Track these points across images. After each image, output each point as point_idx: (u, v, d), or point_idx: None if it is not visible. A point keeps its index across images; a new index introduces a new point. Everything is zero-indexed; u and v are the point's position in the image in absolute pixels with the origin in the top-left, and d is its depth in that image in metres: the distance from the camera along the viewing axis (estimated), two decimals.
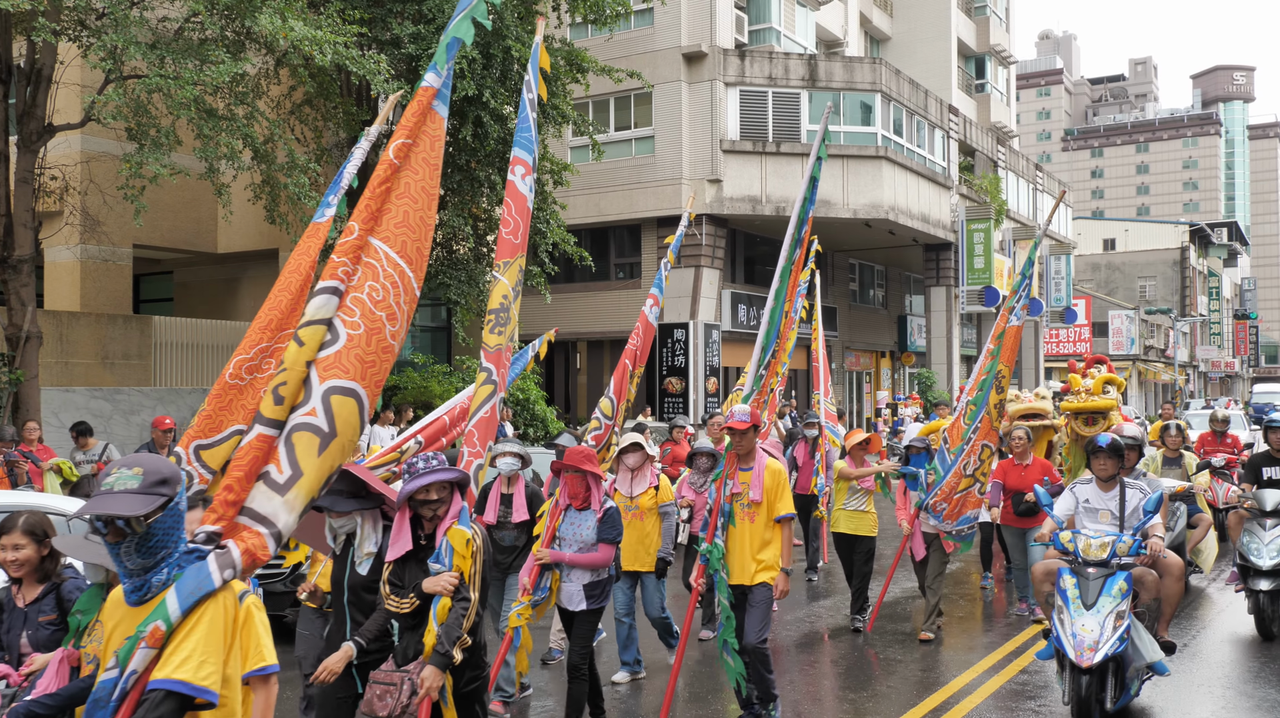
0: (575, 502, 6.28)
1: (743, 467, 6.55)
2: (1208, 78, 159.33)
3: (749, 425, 6.44)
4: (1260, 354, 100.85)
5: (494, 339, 5.44)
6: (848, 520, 9.45)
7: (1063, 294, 39.83)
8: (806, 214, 7.17)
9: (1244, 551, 8.77)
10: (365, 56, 12.18)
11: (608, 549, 6.22)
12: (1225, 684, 7.58)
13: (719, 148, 24.29)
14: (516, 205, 5.62)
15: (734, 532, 6.47)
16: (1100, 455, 6.79)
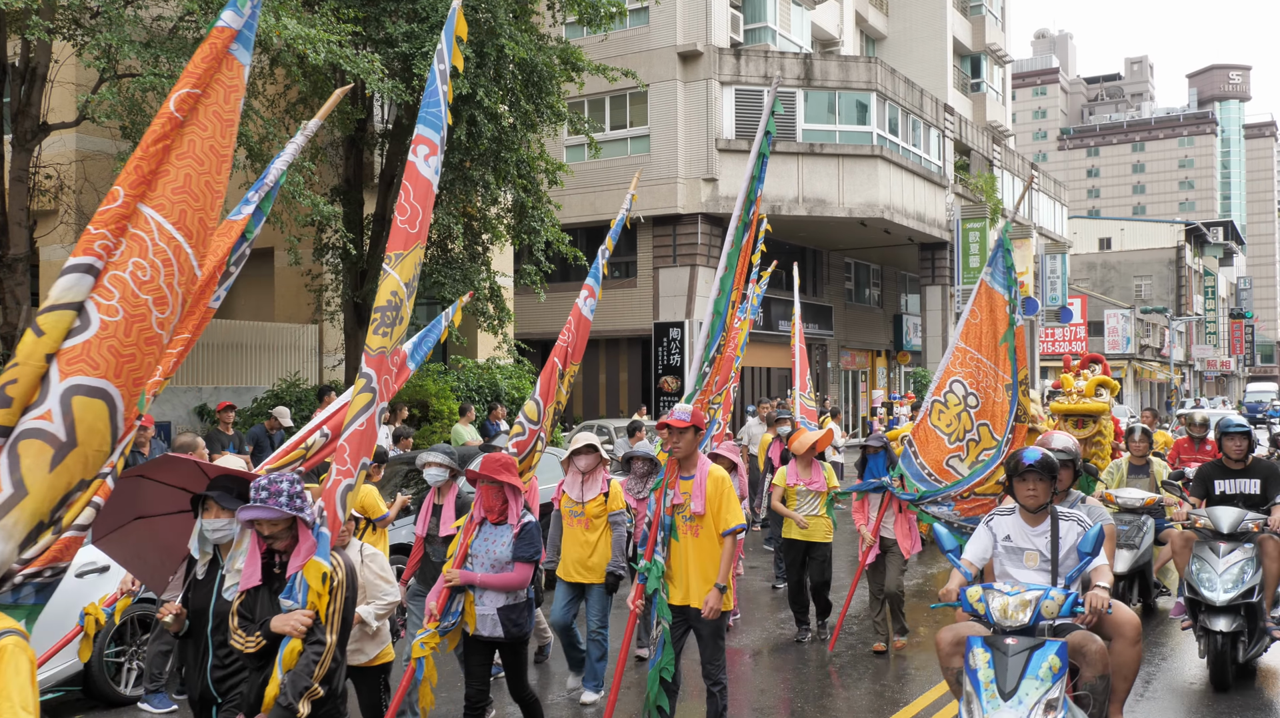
0: (490, 515, 5.67)
1: (683, 474, 5.90)
2: (1204, 77, 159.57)
3: (687, 425, 5.78)
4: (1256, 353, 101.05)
5: (377, 341, 4.67)
6: (799, 526, 8.81)
7: (1058, 293, 39.86)
8: (754, 195, 6.62)
9: (1193, 581, 7.34)
10: (359, 55, 12.18)
11: (524, 569, 5.59)
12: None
13: (714, 147, 24.31)
14: (416, 190, 4.86)
15: (676, 547, 5.87)
16: (1028, 477, 5.06)
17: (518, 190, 15.33)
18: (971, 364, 8.00)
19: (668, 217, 24.51)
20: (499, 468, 5.59)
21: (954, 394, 7.95)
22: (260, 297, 20.18)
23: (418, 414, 16.07)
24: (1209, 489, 7.63)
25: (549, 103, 14.96)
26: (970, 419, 7.97)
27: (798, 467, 8.83)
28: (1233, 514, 7.35)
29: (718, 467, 5.92)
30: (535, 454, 6.32)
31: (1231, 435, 7.53)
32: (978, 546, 5.19)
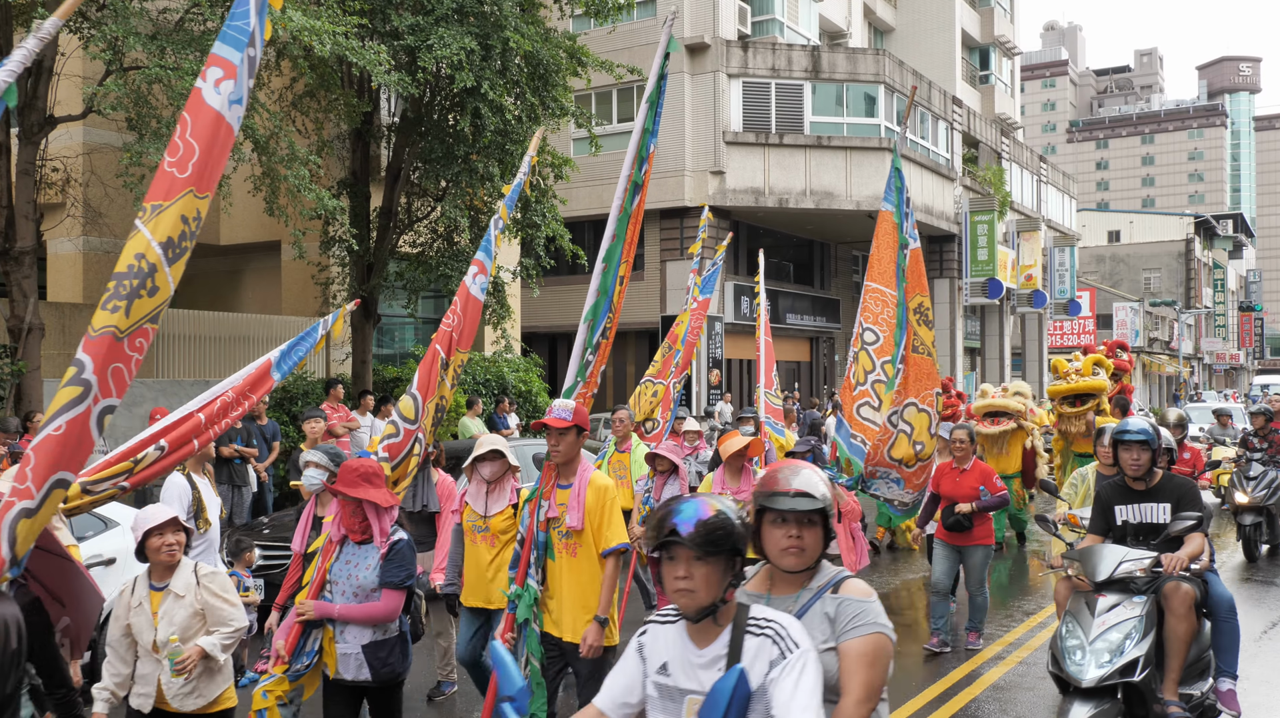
0: (353, 534, 4.74)
1: (561, 482, 5.04)
2: (1213, 69, 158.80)
3: (568, 425, 4.91)
4: (1266, 346, 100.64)
5: (102, 318, 3.59)
6: None
7: (1067, 286, 39.75)
8: (647, 151, 5.71)
9: (1058, 651, 5.43)
10: (365, 47, 12.15)
11: (392, 598, 4.65)
12: None
13: (721, 139, 24.24)
14: (196, 124, 3.84)
15: (552, 569, 5.01)
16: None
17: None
18: (874, 301, 7.21)
19: (674, 209, 24.46)
20: (355, 480, 4.65)
21: (863, 339, 7.26)
22: (267, 290, 20.17)
23: None
24: (1109, 520, 5.78)
25: (554, 96, 14.91)
26: (871, 358, 7.16)
27: (725, 474, 7.64)
28: (1111, 555, 5.44)
29: (601, 475, 5.07)
30: (411, 460, 5.43)
31: (1127, 445, 5.60)
32: (616, 684, 2.79)
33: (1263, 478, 12.03)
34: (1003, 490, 8.18)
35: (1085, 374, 11.57)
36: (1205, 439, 16.72)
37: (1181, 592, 5.36)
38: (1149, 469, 5.60)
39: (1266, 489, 11.92)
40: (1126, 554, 5.42)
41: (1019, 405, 12.50)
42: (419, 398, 5.45)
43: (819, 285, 30.48)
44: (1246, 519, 11.93)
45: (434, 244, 15.95)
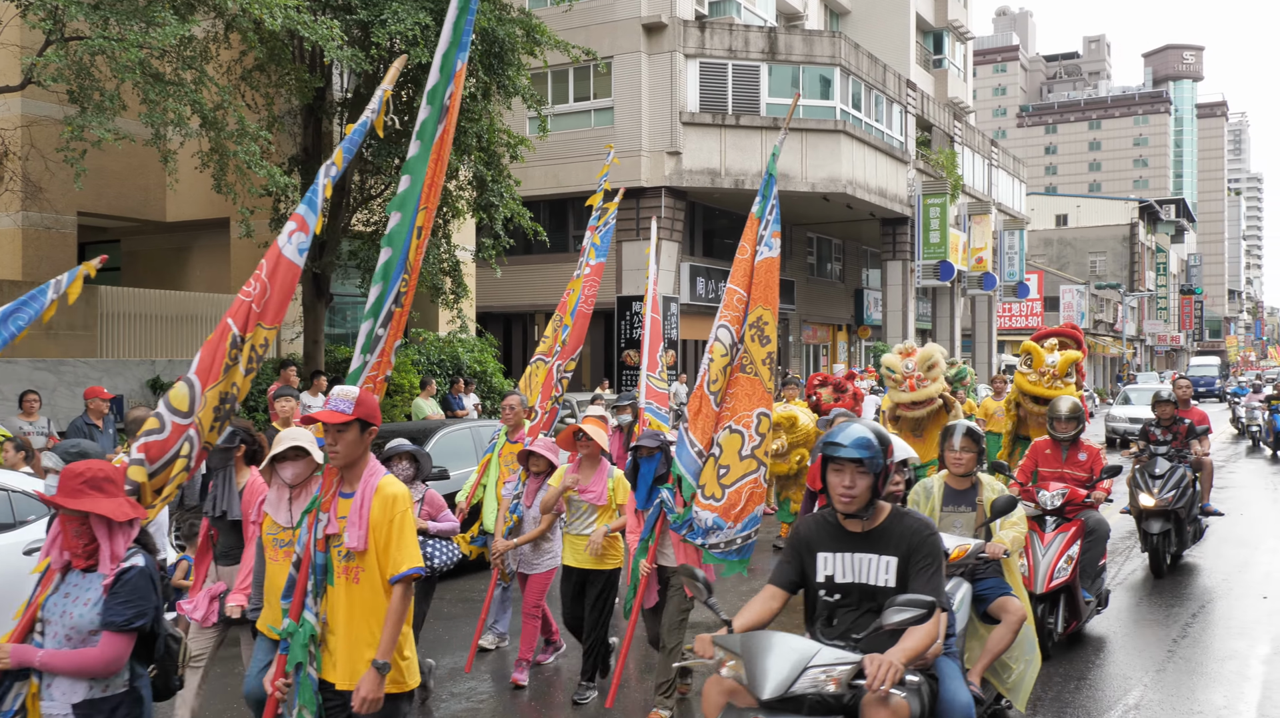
0: (76, 560, 3.69)
1: (343, 491, 4.08)
2: (1158, 56, 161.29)
3: (349, 419, 3.95)
4: (1204, 329, 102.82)
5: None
6: (574, 548, 6.72)
7: (1016, 269, 40.23)
8: (454, 68, 4.60)
9: None
10: (318, 22, 11.89)
11: (114, 643, 3.57)
12: None
13: (678, 120, 24.14)
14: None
15: (332, 596, 4.06)
16: None
17: (478, 163, 15.11)
18: (741, 307, 6.24)
19: (631, 189, 24.32)
20: (79, 488, 3.62)
21: (720, 344, 6.17)
22: (216, 268, 19.79)
23: None
24: (804, 569, 3.91)
25: (509, 75, 14.72)
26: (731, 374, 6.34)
27: (578, 469, 6.76)
28: (787, 656, 3.48)
29: (392, 481, 4.07)
30: (178, 463, 4.28)
31: (837, 465, 3.74)
32: None
33: (1170, 476, 10.07)
34: None
35: (1061, 374, 10.46)
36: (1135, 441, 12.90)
37: (884, 713, 3.50)
38: (869, 503, 3.72)
39: (1176, 490, 9.97)
40: (812, 656, 3.48)
41: (934, 390, 10.86)
42: (196, 385, 4.33)
43: None
44: (1154, 527, 9.97)
45: (388, 223, 15.73)
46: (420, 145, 4.58)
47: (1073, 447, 8.17)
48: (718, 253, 27.92)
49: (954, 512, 5.83)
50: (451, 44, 4.59)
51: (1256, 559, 11.31)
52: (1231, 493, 16.54)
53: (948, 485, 5.88)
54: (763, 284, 6.27)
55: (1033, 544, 7.41)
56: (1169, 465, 10.22)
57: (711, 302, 26.51)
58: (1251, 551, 11.81)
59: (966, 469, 5.81)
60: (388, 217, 5.29)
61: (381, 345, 4.45)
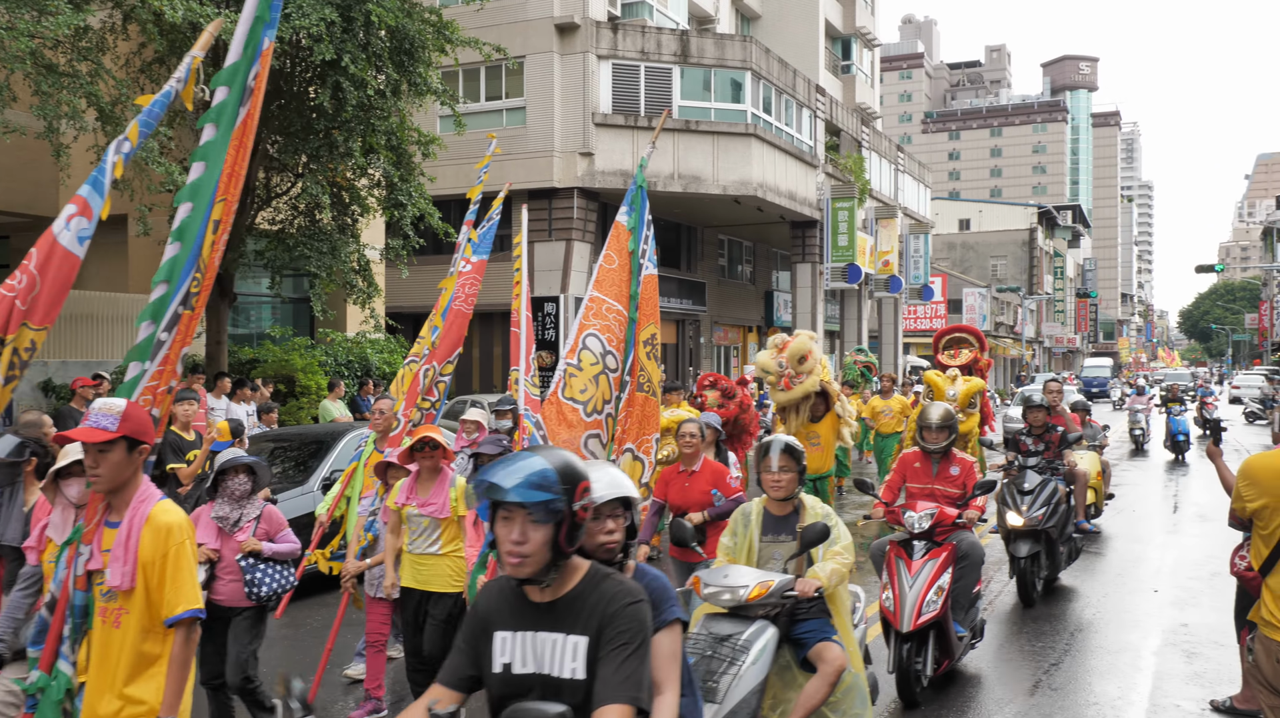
0: None
1: (109, 519, 3.51)
2: (1056, 66, 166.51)
3: (113, 436, 3.40)
4: (1099, 331, 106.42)
5: None
6: (414, 568, 6.06)
7: (921, 272, 41.11)
8: (261, 45, 4.05)
9: None
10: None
11: None
12: None
13: (591, 121, 24.13)
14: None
15: (94, 641, 3.49)
16: None
17: (387, 162, 14.90)
18: (611, 317, 5.95)
19: (543, 190, 24.25)
20: None
21: (589, 353, 5.84)
22: (113, 266, 19.16)
23: (283, 390, 15.55)
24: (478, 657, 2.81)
25: (419, 73, 14.54)
26: (610, 386, 5.87)
27: (416, 481, 6.12)
28: None
29: (167, 508, 3.50)
30: None
31: (506, 513, 2.65)
32: None
33: (1041, 491, 9.09)
34: (739, 492, 6.66)
35: (962, 406, 10.25)
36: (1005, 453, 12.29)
37: None
38: (550, 564, 2.64)
39: (1047, 507, 8.96)
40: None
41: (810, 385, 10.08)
42: None
43: (686, 268, 30.72)
44: (1021, 549, 8.85)
45: (294, 221, 15.40)
46: (218, 130, 3.95)
47: (944, 460, 7.28)
48: None
49: (773, 542, 5.11)
50: (257, 19, 4.02)
51: (1148, 555, 11.73)
52: (1126, 489, 17.15)
53: (766, 511, 5.14)
54: (650, 301, 6.08)
55: (899, 575, 6.51)
56: (1039, 479, 9.21)
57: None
58: (1144, 546, 12.25)
59: (786, 492, 5.04)
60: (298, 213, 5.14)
61: (165, 352, 3.79)
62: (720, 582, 4.80)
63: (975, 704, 6.61)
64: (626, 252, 6.05)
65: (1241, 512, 4.43)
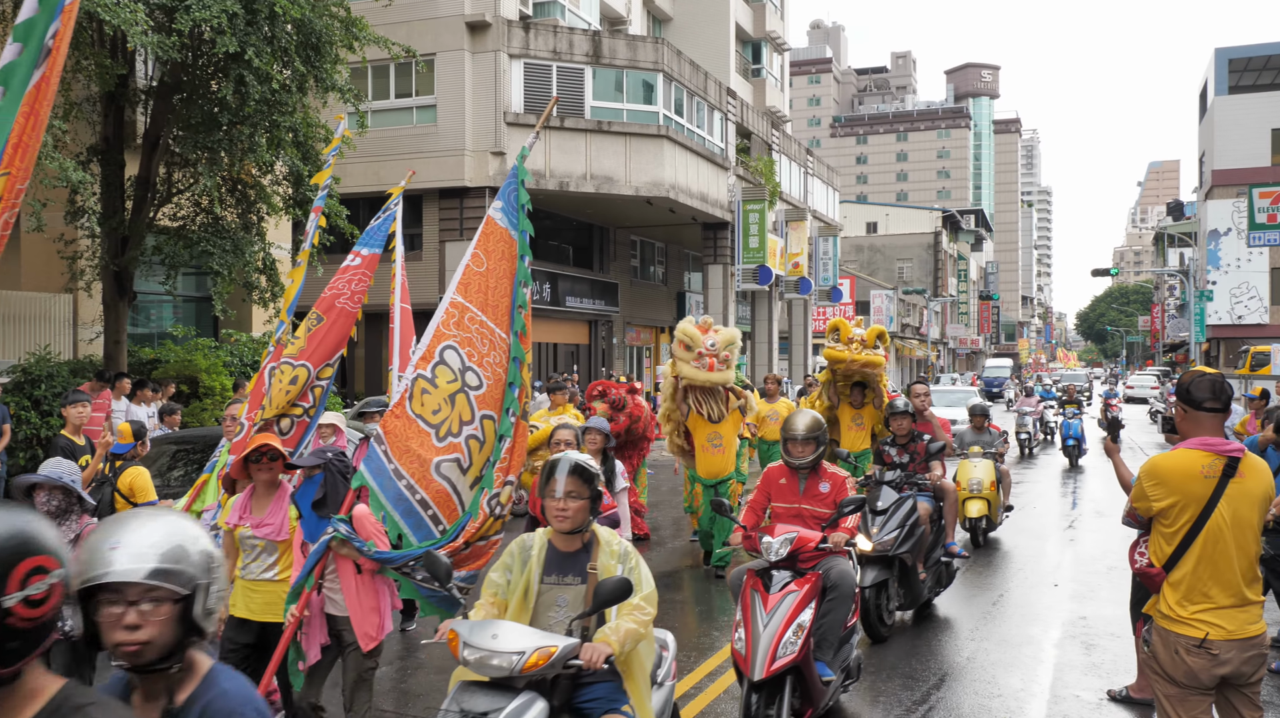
0: None
1: None
2: (959, 74, 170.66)
3: None
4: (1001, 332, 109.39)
5: None
6: (247, 597, 5.36)
7: (830, 274, 41.76)
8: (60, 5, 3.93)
9: None
10: (120, 5, 11.24)
11: None
12: None
13: (503, 120, 23.97)
14: None
15: None
16: None
17: (294, 158, 14.59)
18: (474, 328, 5.22)
19: (454, 189, 24.03)
20: None
21: (447, 368, 5.13)
22: (5, 263, 18.41)
23: (186, 391, 15.12)
24: None
25: (325, 68, 14.27)
26: (471, 406, 5.11)
27: (251, 497, 5.45)
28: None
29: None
30: None
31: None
32: None
33: (896, 510, 8.12)
34: (613, 507, 6.03)
35: (870, 343, 9.81)
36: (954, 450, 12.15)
37: None
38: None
39: (900, 529, 7.96)
40: None
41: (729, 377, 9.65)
42: None
43: (598, 268, 30.73)
44: (867, 577, 7.69)
45: (196, 218, 14.98)
46: (6, 94, 3.54)
47: (813, 476, 6.34)
48: (542, 254, 27.87)
49: (558, 584, 4.08)
50: None
51: (1047, 550, 12.09)
52: (1026, 487, 17.65)
53: (551, 545, 4.13)
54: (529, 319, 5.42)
55: (753, 611, 5.57)
56: (896, 497, 8.26)
57: (537, 303, 26.43)
58: (1043, 542, 12.61)
59: (574, 523, 4.03)
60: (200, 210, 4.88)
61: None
62: (486, 644, 3.77)
63: (883, 698, 6.73)
64: (505, 257, 5.29)
65: (1146, 511, 4.48)
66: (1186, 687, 4.32)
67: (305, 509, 5.27)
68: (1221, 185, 44.10)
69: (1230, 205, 43.26)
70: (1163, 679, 4.40)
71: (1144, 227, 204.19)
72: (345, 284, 6.82)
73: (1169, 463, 4.38)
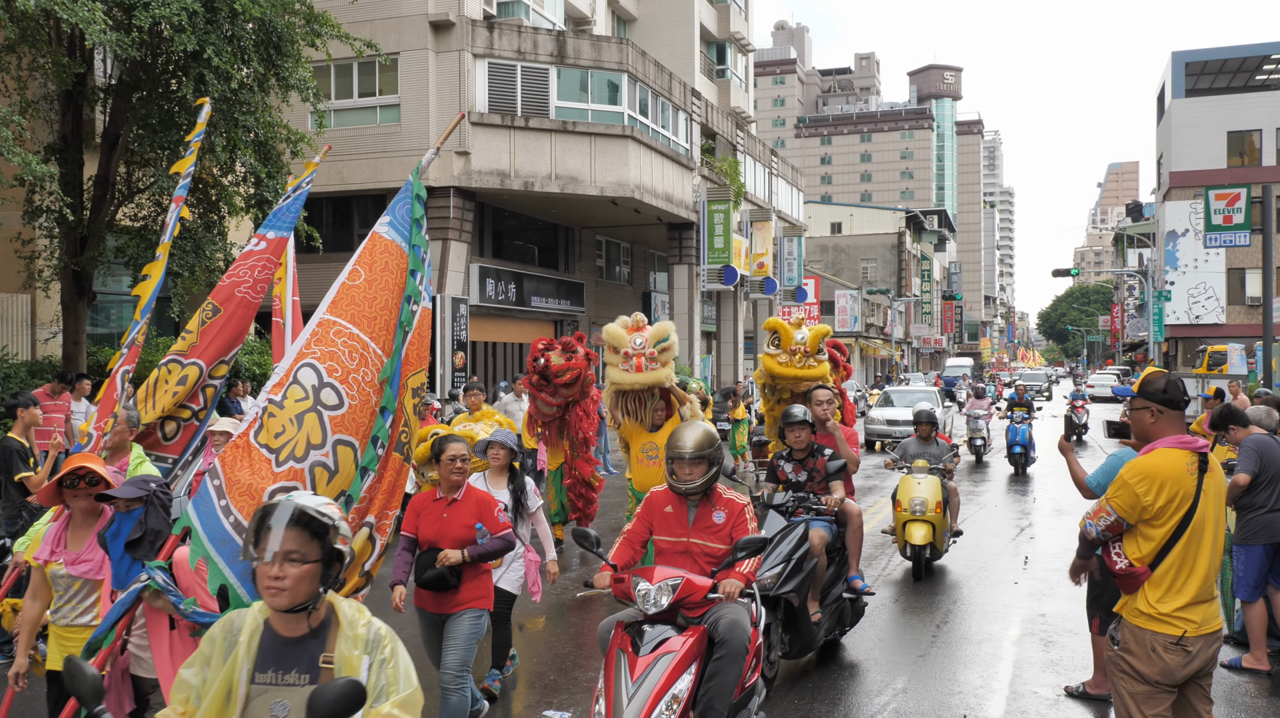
0: None
1: None
2: (922, 75, 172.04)
3: None
4: (964, 332, 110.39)
5: None
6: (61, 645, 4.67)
7: (795, 274, 41.98)
8: None
9: None
10: (78, 3, 11.10)
11: None
12: None
13: (467, 120, 23.90)
14: None
15: None
16: None
17: (254, 158, 14.48)
18: (341, 341, 4.57)
19: None
20: None
21: (299, 387, 4.38)
22: None
23: None
24: None
25: (288, 67, 14.17)
26: (323, 428, 4.35)
27: (66, 531, 4.70)
28: None
29: None
30: None
31: None
32: None
33: (781, 541, 6.69)
34: (507, 528, 5.53)
35: (813, 350, 8.78)
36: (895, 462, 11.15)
37: None
38: None
39: (785, 564, 6.53)
40: None
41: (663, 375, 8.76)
42: None
43: (564, 268, 30.72)
44: None
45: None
46: None
47: (705, 503, 5.19)
48: (507, 254, 27.84)
49: (275, 684, 2.89)
50: None
51: (1005, 549, 12.23)
52: (983, 486, 17.84)
53: (269, 628, 2.94)
54: (422, 341, 4.79)
55: (617, 677, 4.62)
56: (781, 524, 6.94)
57: (502, 303, 26.38)
58: (1004, 541, 12.76)
59: (296, 598, 2.84)
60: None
61: None
62: None
63: (845, 696, 6.80)
64: (390, 270, 4.74)
65: (1141, 513, 4.32)
66: (1157, 685, 4.32)
67: (116, 550, 4.43)
68: (1179, 187, 44.79)
69: (1188, 207, 43.96)
70: (1131, 678, 4.38)
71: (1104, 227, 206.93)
72: (248, 271, 6.03)
73: (1161, 463, 4.32)
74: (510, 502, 6.62)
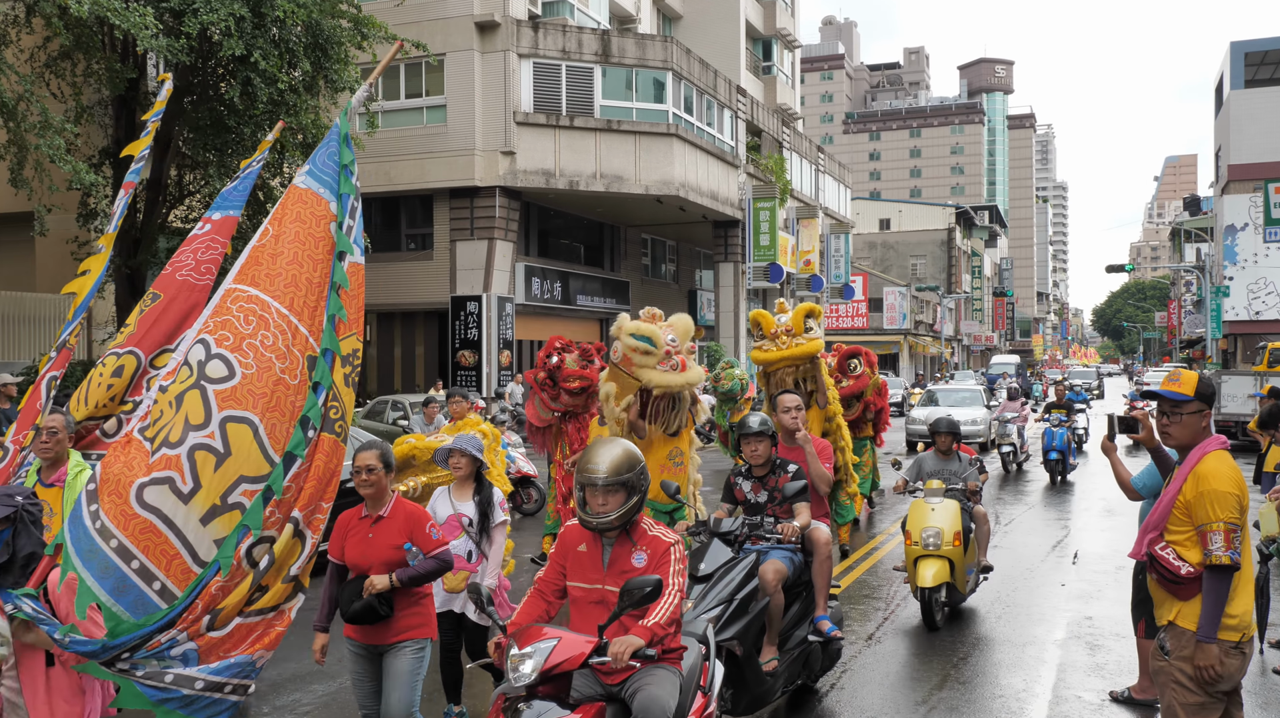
0: None
1: None
2: (973, 69, 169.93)
3: None
4: (1016, 329, 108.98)
5: None
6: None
7: (842, 271, 41.70)
8: None
9: None
10: (129, 9, 11.33)
11: None
12: None
13: (512, 119, 24.03)
14: None
15: None
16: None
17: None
18: (237, 307, 4.10)
19: (465, 189, 24.10)
20: None
21: (186, 366, 3.97)
22: (18, 265, 18.59)
23: None
24: None
25: (336, 69, 14.35)
26: (206, 405, 3.86)
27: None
28: None
29: None
30: None
31: None
32: None
33: (724, 577, 5.52)
34: (442, 545, 4.77)
35: (798, 330, 8.16)
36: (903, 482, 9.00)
37: None
38: None
39: (724, 605, 5.34)
40: None
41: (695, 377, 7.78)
42: None
43: (609, 267, 30.78)
44: None
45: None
46: None
47: (623, 541, 4.14)
48: (553, 253, 27.95)
49: None
50: None
51: (1053, 550, 12.05)
52: (1021, 498, 17.58)
53: None
54: (357, 303, 4.31)
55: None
56: (725, 557, 5.67)
57: (548, 302, 26.50)
58: (1047, 541, 12.57)
59: None
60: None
61: None
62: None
63: (884, 700, 6.75)
64: (304, 220, 4.24)
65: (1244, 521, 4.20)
66: (1213, 694, 4.20)
67: None
68: (1238, 180, 43.83)
69: (1247, 200, 42.99)
70: (1184, 689, 4.23)
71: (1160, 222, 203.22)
72: (190, 255, 5.54)
73: (1236, 468, 4.28)
74: (476, 516, 5.71)
